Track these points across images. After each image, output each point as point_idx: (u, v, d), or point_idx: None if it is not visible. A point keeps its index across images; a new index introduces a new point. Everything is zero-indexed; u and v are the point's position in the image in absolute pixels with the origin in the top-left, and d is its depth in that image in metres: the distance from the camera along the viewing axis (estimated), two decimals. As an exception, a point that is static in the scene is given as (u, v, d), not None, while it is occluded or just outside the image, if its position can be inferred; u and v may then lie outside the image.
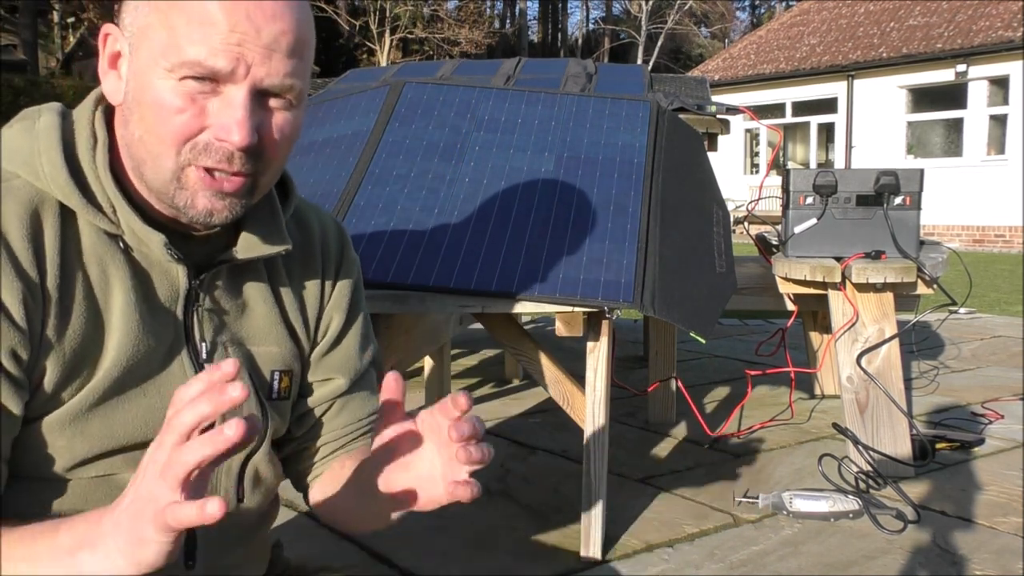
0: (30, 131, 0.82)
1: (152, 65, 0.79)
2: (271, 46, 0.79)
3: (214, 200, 0.81)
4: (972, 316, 5.51)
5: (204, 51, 0.77)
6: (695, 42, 36.00)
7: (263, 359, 0.94)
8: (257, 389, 0.92)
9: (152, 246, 0.83)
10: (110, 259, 0.82)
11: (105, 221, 0.81)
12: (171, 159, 0.80)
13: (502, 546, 1.90)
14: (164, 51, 0.78)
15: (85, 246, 0.81)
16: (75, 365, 0.80)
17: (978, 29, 13.63)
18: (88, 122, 0.83)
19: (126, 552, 0.67)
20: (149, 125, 0.79)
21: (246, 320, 0.92)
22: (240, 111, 0.78)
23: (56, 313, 0.78)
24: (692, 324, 1.73)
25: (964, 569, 1.78)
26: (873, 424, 2.35)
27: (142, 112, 0.80)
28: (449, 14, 28.44)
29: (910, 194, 2.40)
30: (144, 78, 0.79)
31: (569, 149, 2.11)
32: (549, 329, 4.53)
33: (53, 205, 0.79)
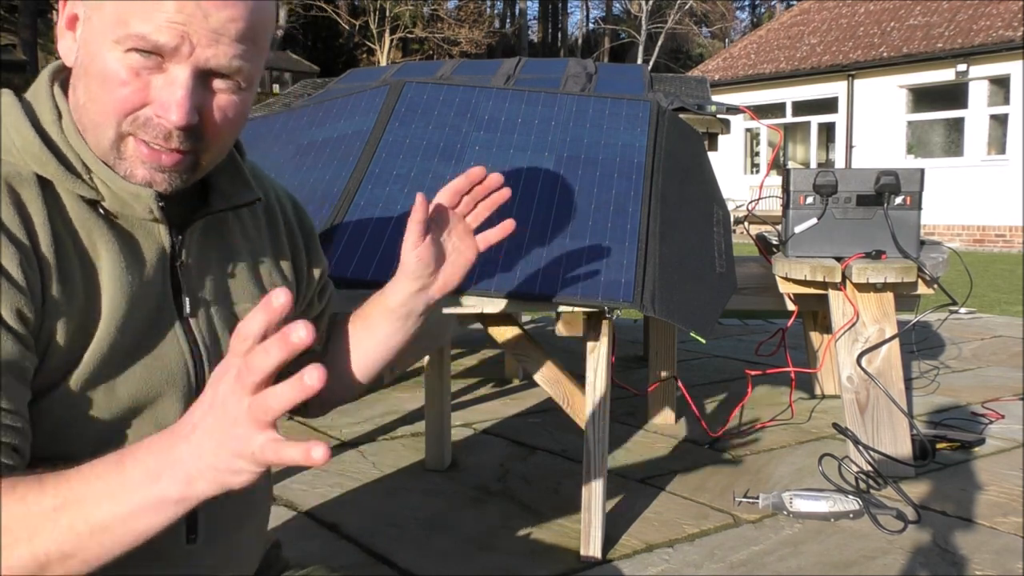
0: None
1: (101, 35, 0.80)
2: (219, 30, 0.79)
3: (153, 172, 0.83)
4: (972, 316, 5.50)
5: (150, 27, 0.78)
6: (695, 42, 35.99)
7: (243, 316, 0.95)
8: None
9: (139, 204, 0.84)
10: (93, 225, 0.83)
11: (84, 187, 0.82)
12: (112, 129, 0.81)
13: (502, 546, 1.89)
14: (114, 23, 0.79)
15: (67, 214, 0.82)
16: (78, 333, 0.80)
17: (978, 29, 13.62)
18: (48, 96, 0.84)
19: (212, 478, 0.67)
20: (93, 94, 0.81)
21: (224, 279, 0.94)
22: (180, 91, 0.79)
23: (57, 277, 0.79)
24: (692, 324, 1.73)
25: (964, 569, 1.78)
26: (873, 424, 2.35)
27: (87, 81, 0.81)
28: (449, 14, 28.43)
29: (910, 194, 2.39)
30: (93, 47, 0.81)
31: (569, 149, 2.11)
32: (549, 329, 4.53)
33: (30, 178, 0.80)
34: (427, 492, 2.23)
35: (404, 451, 2.58)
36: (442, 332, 2.24)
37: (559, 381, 1.88)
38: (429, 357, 2.32)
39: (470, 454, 2.55)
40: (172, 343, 0.87)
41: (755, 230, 3.03)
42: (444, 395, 2.39)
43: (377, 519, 2.04)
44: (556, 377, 1.88)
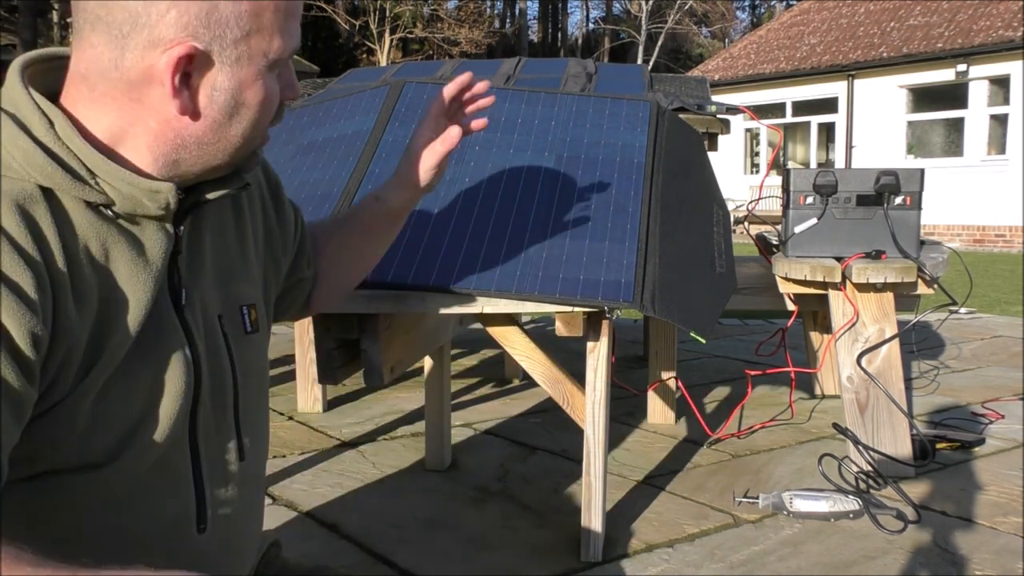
0: None
1: (253, 68, 0.83)
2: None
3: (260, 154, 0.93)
4: (972, 316, 5.50)
5: (294, 38, 0.85)
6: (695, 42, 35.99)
7: (233, 298, 0.97)
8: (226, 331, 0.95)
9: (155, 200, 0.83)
10: (104, 230, 0.82)
11: (92, 192, 0.81)
12: (263, 139, 0.90)
13: (502, 546, 1.89)
14: (265, 51, 0.83)
15: (77, 223, 0.80)
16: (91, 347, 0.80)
17: (978, 29, 13.62)
18: (32, 106, 0.81)
19: None
20: (256, 120, 0.86)
21: (212, 261, 0.95)
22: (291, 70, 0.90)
23: (73, 296, 0.78)
24: (692, 324, 1.73)
25: (964, 569, 1.78)
26: (873, 424, 2.35)
27: (247, 113, 0.85)
28: (449, 14, 28.42)
29: (910, 194, 2.39)
30: (247, 83, 0.84)
31: (569, 149, 2.11)
32: (549, 329, 4.53)
33: (36, 193, 0.78)
34: (427, 492, 2.23)
35: (404, 451, 2.58)
36: (442, 332, 2.24)
37: (559, 381, 1.88)
38: (429, 357, 2.32)
39: (470, 454, 2.55)
40: (172, 335, 0.87)
41: (755, 230, 3.03)
42: (444, 395, 2.39)
43: (377, 519, 2.04)
44: (556, 377, 1.88)
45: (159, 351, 0.86)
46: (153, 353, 0.85)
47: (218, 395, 0.93)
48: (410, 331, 1.94)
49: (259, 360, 1.01)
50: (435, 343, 2.20)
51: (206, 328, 0.92)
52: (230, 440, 0.94)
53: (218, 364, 0.93)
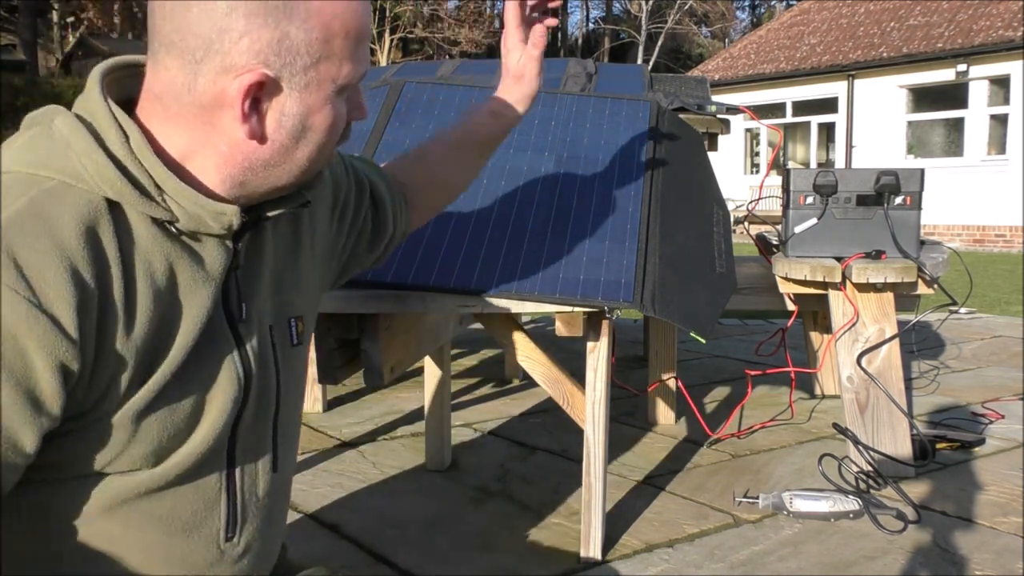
0: (49, 135, 0.80)
1: (321, 94, 0.85)
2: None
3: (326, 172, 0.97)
4: (972, 316, 5.50)
5: (363, 64, 0.88)
6: (695, 42, 35.98)
7: (283, 310, 0.98)
8: (275, 343, 0.96)
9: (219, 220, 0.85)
10: (168, 247, 0.83)
11: (158, 209, 0.81)
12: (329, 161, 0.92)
13: (502, 546, 1.89)
14: (334, 77, 0.85)
15: (141, 241, 0.81)
16: (143, 364, 0.81)
17: (979, 29, 13.62)
18: (110, 119, 0.81)
19: None
20: (323, 144, 0.88)
21: (267, 275, 0.96)
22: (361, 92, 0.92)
23: (124, 319, 0.78)
24: (692, 324, 1.73)
25: (964, 569, 1.78)
26: (873, 424, 2.35)
27: (314, 137, 0.87)
28: (449, 14, 28.41)
29: (910, 194, 2.39)
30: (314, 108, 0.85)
31: (569, 149, 2.11)
32: (549, 329, 4.53)
33: (102, 205, 0.78)
34: (427, 492, 2.23)
35: (404, 451, 2.58)
36: (442, 332, 2.24)
37: (559, 381, 1.88)
38: (429, 357, 2.32)
39: (470, 454, 2.55)
40: (224, 350, 0.88)
41: (755, 230, 3.03)
42: (444, 395, 2.39)
43: (377, 519, 2.04)
44: (556, 377, 1.88)
45: (210, 365, 0.87)
46: (205, 367, 0.86)
47: (262, 407, 0.94)
48: (410, 331, 1.94)
49: (301, 372, 1.03)
50: (435, 343, 2.20)
51: (259, 340, 0.93)
52: (266, 451, 0.96)
53: (265, 376, 0.94)
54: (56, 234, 0.74)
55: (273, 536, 1.01)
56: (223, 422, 0.88)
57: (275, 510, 1.00)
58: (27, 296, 0.71)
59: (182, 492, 0.87)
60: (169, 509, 0.87)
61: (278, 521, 1.02)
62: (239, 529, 0.93)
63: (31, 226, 0.73)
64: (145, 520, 0.85)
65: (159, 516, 0.86)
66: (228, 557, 0.92)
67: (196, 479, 0.88)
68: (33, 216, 0.74)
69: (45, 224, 0.74)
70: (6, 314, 0.70)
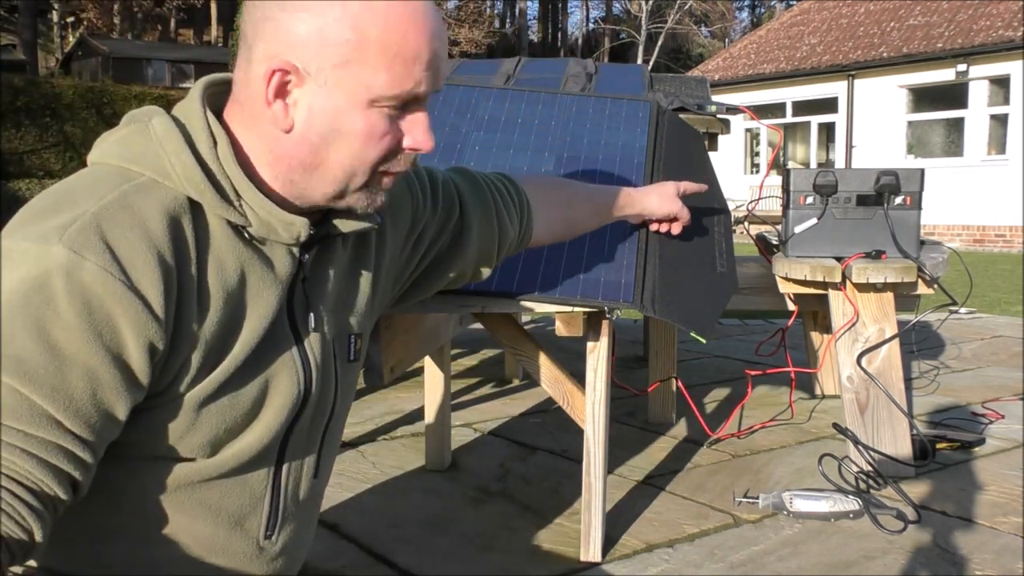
0: (145, 134, 0.85)
1: (353, 98, 0.85)
2: (443, 60, 0.89)
3: (383, 197, 0.93)
4: (972, 316, 5.50)
5: (411, 83, 0.86)
6: (695, 42, 35.98)
7: (344, 326, 1.02)
8: (335, 356, 1.00)
9: (290, 231, 0.88)
10: (240, 249, 0.87)
11: (235, 214, 0.86)
12: (367, 175, 0.89)
13: (502, 546, 1.89)
14: (369, 88, 0.84)
15: (216, 240, 0.85)
16: (212, 352, 0.85)
17: (978, 29, 13.62)
18: (203, 124, 0.86)
19: None
20: (354, 151, 0.87)
21: (333, 289, 0.99)
22: (427, 122, 0.90)
23: (197, 306, 0.83)
24: (692, 324, 1.73)
25: (964, 569, 1.78)
26: (873, 424, 2.35)
27: (344, 141, 0.87)
28: (449, 14, 28.41)
29: (910, 194, 2.39)
30: (343, 110, 0.85)
31: (569, 149, 2.11)
32: (549, 329, 4.53)
33: (184, 203, 0.83)
34: (427, 492, 2.23)
35: (404, 451, 2.58)
36: (442, 332, 2.24)
37: (559, 381, 1.88)
38: (429, 357, 2.32)
39: (470, 454, 2.55)
40: (287, 354, 0.92)
41: (755, 230, 3.03)
42: (444, 395, 2.39)
43: (377, 519, 2.04)
44: (556, 377, 1.88)
45: (272, 367, 0.90)
46: (266, 368, 0.90)
47: (318, 415, 0.98)
48: (410, 331, 1.94)
49: (352, 387, 1.07)
50: (435, 343, 2.20)
51: (322, 351, 0.96)
52: (312, 457, 1.00)
53: (325, 386, 0.98)
54: (144, 224, 0.79)
55: (305, 540, 1.05)
56: (279, 423, 0.92)
57: (310, 515, 1.04)
58: (121, 278, 0.77)
59: (231, 485, 0.91)
60: (218, 500, 0.91)
61: (310, 526, 1.06)
62: (278, 528, 0.96)
63: (122, 217, 0.79)
64: (196, 508, 0.90)
65: (208, 506, 0.90)
66: (266, 554, 0.96)
67: (246, 474, 0.92)
68: (124, 208, 0.79)
69: (134, 215, 0.80)
70: (103, 295, 0.75)
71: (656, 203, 1.64)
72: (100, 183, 0.82)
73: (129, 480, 0.87)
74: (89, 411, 0.76)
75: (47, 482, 0.75)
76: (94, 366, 0.76)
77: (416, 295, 1.28)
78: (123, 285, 0.77)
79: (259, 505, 0.94)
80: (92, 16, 30.20)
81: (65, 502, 0.77)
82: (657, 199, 1.64)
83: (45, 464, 0.74)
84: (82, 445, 0.77)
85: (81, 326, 0.75)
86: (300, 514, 1.00)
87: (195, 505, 0.90)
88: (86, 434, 0.77)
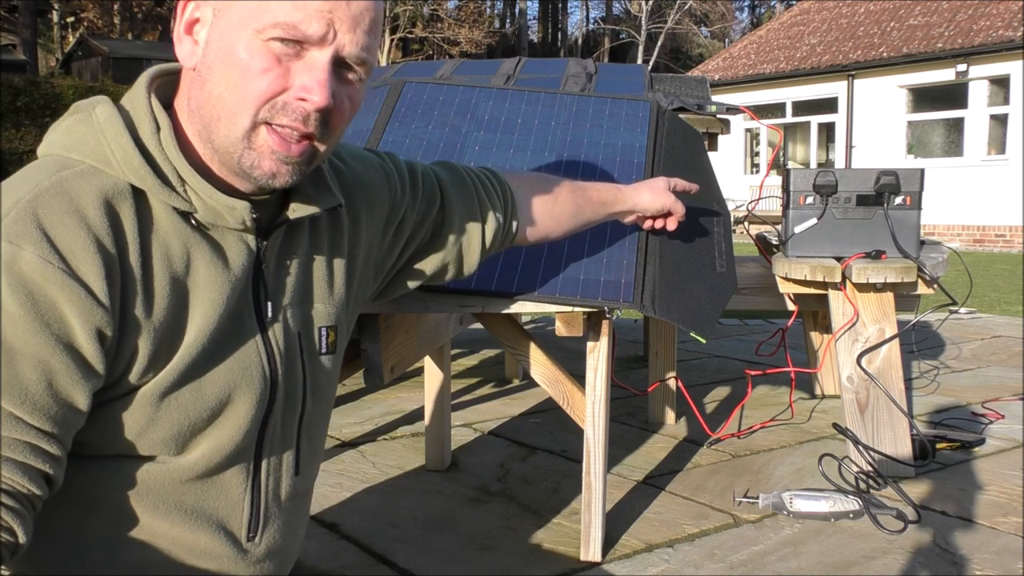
0: (88, 122, 0.84)
1: (240, 27, 0.82)
2: (357, 19, 0.84)
3: (280, 164, 0.86)
4: (972, 316, 5.50)
5: (299, 15, 0.81)
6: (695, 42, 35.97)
7: (314, 317, 0.99)
8: (303, 349, 0.97)
9: (232, 216, 0.86)
10: (188, 236, 0.85)
11: (179, 200, 0.84)
12: (248, 117, 0.84)
13: (502, 546, 1.89)
14: (256, 13, 0.82)
15: (161, 226, 0.84)
16: (164, 341, 0.83)
17: (978, 29, 13.62)
18: (147, 110, 0.85)
19: None
20: (233, 83, 0.83)
21: (298, 279, 0.97)
22: (323, 74, 0.83)
23: (141, 292, 0.81)
24: (692, 324, 1.73)
25: (965, 569, 1.78)
26: (873, 424, 2.35)
27: (226, 71, 0.83)
28: (449, 14, 28.41)
29: (910, 194, 2.39)
30: (230, 39, 0.83)
31: (569, 149, 2.11)
32: (549, 329, 4.53)
33: (126, 190, 0.82)
34: (427, 492, 2.23)
35: (404, 451, 2.58)
36: (442, 332, 2.24)
37: (559, 381, 1.88)
38: (429, 357, 2.32)
39: (470, 454, 2.55)
40: (251, 345, 0.90)
41: (755, 230, 3.03)
42: (444, 395, 2.39)
43: (377, 519, 2.04)
44: (556, 377, 1.88)
45: (235, 358, 0.89)
46: (229, 359, 0.88)
47: (289, 411, 0.96)
48: (410, 331, 1.94)
49: (330, 382, 1.03)
50: (435, 343, 2.20)
51: (286, 343, 0.94)
52: (290, 455, 0.98)
53: (292, 380, 0.96)
54: (80, 210, 0.78)
55: (293, 541, 1.03)
56: (249, 418, 0.90)
57: (296, 515, 1.02)
58: (61, 267, 0.75)
59: (207, 486, 0.90)
60: (195, 502, 0.89)
61: (298, 526, 1.03)
62: (261, 529, 0.95)
63: (57, 203, 0.78)
64: (173, 512, 0.88)
65: (186, 509, 0.89)
66: (251, 556, 0.94)
67: (222, 475, 0.90)
68: (60, 194, 0.78)
69: (71, 201, 0.78)
70: (44, 284, 0.75)
71: (648, 198, 1.58)
72: (39, 171, 0.81)
73: (97, 483, 0.85)
74: (48, 403, 0.75)
75: (19, 481, 0.74)
76: (45, 357, 0.75)
77: (400, 288, 1.24)
78: (63, 273, 0.75)
79: (239, 506, 0.92)
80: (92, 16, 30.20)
81: (41, 497, 0.76)
82: (649, 194, 1.59)
83: (13, 463, 0.73)
84: (47, 438, 0.75)
85: (26, 317, 0.74)
86: (285, 514, 0.98)
87: (171, 509, 0.88)
88: (49, 427, 0.75)
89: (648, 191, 1.59)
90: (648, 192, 1.59)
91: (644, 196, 1.58)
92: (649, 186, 1.61)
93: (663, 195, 1.60)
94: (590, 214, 1.50)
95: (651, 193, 1.59)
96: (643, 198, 1.58)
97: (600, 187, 1.53)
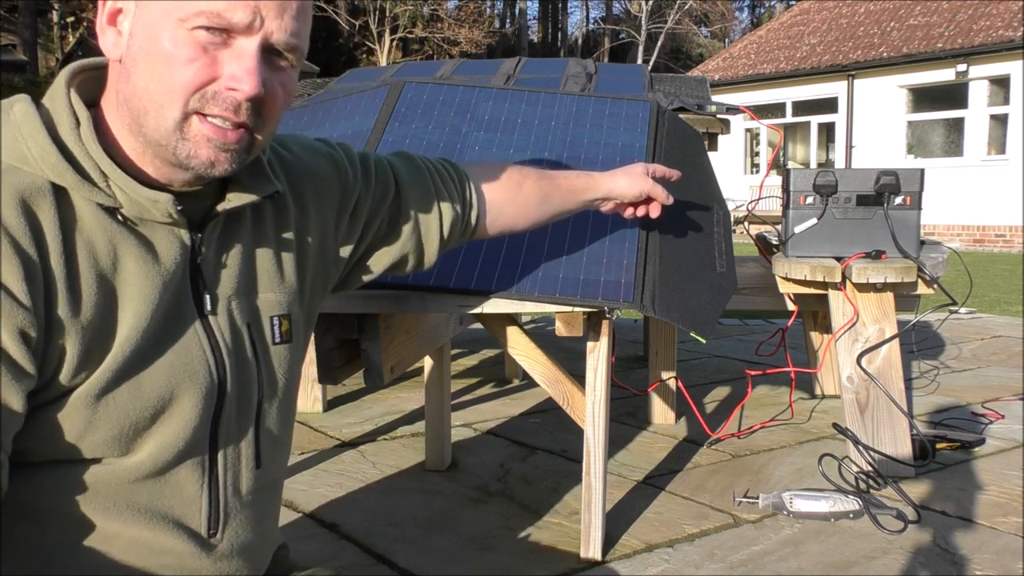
0: (7, 122, 0.82)
1: (164, 16, 0.81)
2: (284, 4, 0.82)
3: (217, 151, 0.84)
4: (972, 316, 5.50)
5: (223, 3, 0.79)
6: (695, 42, 35.97)
7: (262, 307, 0.97)
8: (254, 339, 0.95)
9: (157, 208, 0.84)
10: (114, 232, 0.83)
11: (102, 195, 0.82)
12: (177, 108, 0.82)
13: (502, 546, 1.89)
14: (178, 2, 0.80)
15: (85, 223, 0.82)
16: (95, 340, 0.81)
17: (978, 29, 13.62)
18: (65, 104, 0.84)
19: None
20: (159, 74, 0.81)
21: (241, 270, 0.95)
22: (251, 62, 0.82)
23: (65, 291, 0.79)
24: (692, 324, 1.73)
25: (964, 569, 1.78)
26: (873, 424, 2.35)
27: (151, 62, 0.81)
28: (449, 14, 28.42)
29: (910, 194, 2.39)
30: (154, 29, 0.81)
31: (569, 149, 2.11)
32: (549, 329, 4.53)
33: (45, 187, 0.80)
34: (427, 492, 2.23)
35: (404, 451, 2.58)
36: (442, 332, 2.24)
37: (559, 381, 1.88)
38: (429, 357, 2.32)
39: (470, 454, 2.55)
40: (193, 340, 0.88)
41: (755, 230, 3.03)
42: (444, 395, 2.39)
43: (377, 519, 2.04)
44: (556, 377, 1.88)
45: (176, 354, 0.87)
46: (169, 355, 0.86)
47: (243, 404, 0.94)
48: (410, 331, 1.94)
49: (287, 371, 1.01)
50: (435, 343, 2.20)
51: (232, 336, 0.92)
52: (249, 448, 0.95)
53: (243, 373, 0.93)
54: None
55: (263, 536, 1.00)
56: (197, 414, 0.88)
57: (262, 509, 0.99)
58: None
59: (159, 485, 0.88)
60: (147, 501, 0.87)
61: (266, 520, 1.01)
62: (222, 524, 0.93)
63: None
64: (126, 512, 0.86)
65: (139, 508, 0.87)
66: (216, 552, 0.92)
67: (175, 471, 0.88)
68: None
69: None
70: None
71: (624, 184, 1.52)
72: None
73: (44, 491, 0.83)
74: None
75: None
76: None
77: (361, 278, 1.22)
78: None
79: (195, 502, 0.90)
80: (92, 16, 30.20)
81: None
82: (625, 180, 1.52)
83: None
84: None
85: None
86: (248, 508, 0.96)
87: (124, 509, 0.86)
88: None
89: (624, 177, 1.53)
90: (624, 178, 1.53)
91: (620, 182, 1.52)
92: (625, 172, 1.55)
93: (640, 180, 1.54)
94: (559, 203, 1.45)
95: (627, 179, 1.53)
96: (619, 184, 1.52)
97: (571, 175, 1.49)
